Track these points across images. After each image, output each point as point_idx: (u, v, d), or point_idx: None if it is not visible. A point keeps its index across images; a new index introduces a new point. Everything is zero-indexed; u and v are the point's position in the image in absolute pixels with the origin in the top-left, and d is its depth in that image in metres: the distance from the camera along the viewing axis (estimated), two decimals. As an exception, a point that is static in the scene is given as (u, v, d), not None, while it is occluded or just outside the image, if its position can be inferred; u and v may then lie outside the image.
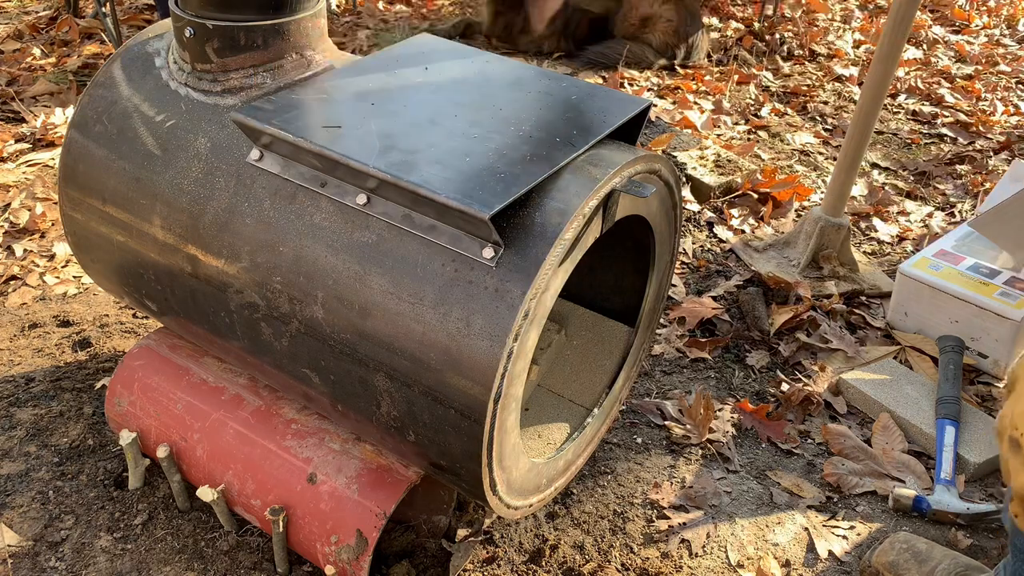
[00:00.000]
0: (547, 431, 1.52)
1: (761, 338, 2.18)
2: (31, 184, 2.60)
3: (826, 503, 1.73)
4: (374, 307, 1.17)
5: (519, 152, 1.17)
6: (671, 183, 1.41)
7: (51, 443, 1.72)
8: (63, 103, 3.18)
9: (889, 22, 2.19)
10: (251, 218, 1.28)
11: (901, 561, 1.51)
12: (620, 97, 1.37)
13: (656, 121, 3.37)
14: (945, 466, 1.75)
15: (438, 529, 1.56)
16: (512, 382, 1.13)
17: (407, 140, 1.18)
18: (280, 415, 1.51)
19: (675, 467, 1.78)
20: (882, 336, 2.22)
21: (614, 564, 1.55)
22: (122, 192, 1.41)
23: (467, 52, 1.49)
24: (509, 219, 1.12)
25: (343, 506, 1.38)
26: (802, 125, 3.54)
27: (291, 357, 1.31)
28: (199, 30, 1.35)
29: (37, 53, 3.61)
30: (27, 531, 1.54)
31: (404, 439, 1.25)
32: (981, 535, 1.65)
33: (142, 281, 1.48)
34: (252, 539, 1.53)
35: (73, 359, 1.97)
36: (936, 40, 4.70)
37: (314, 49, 1.46)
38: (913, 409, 1.91)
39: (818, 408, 1.98)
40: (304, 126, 1.20)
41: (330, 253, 1.21)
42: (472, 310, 1.10)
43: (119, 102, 1.45)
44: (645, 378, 2.05)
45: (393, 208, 1.16)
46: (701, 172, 2.86)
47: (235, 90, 1.39)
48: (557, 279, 1.14)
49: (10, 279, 2.24)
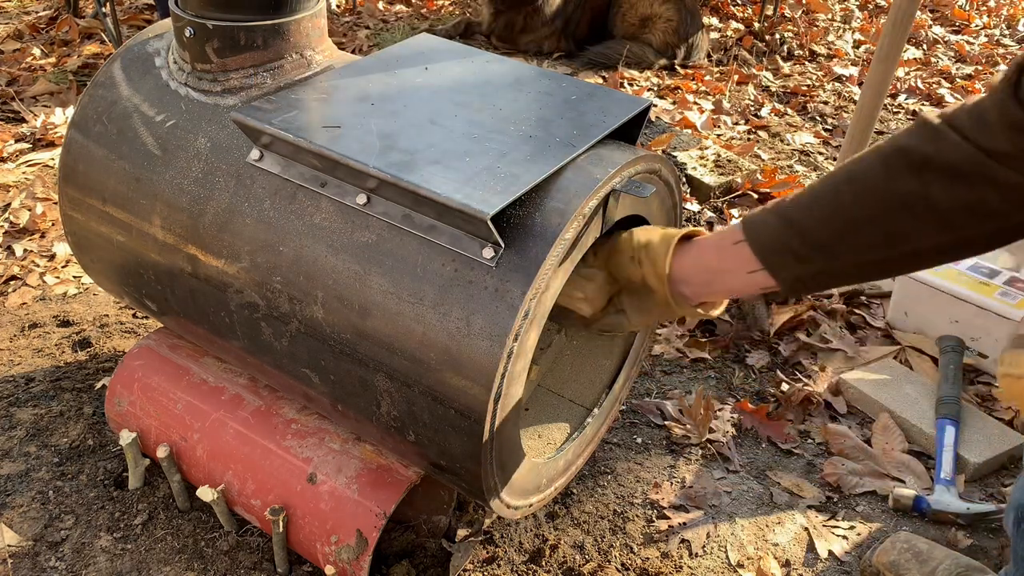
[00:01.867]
0: (547, 431, 1.52)
1: (761, 338, 2.19)
2: (31, 184, 2.60)
3: (826, 503, 1.73)
4: (374, 307, 1.17)
5: (519, 152, 1.17)
6: (671, 183, 1.41)
7: (51, 443, 1.72)
8: (63, 103, 3.18)
9: (889, 22, 2.19)
10: (251, 218, 1.28)
11: (902, 561, 1.51)
12: (620, 97, 1.37)
13: (656, 121, 3.37)
14: (945, 466, 1.75)
15: (438, 529, 1.56)
16: (512, 382, 1.13)
17: (407, 140, 1.18)
18: (280, 415, 1.51)
19: (675, 467, 1.78)
20: (882, 336, 2.22)
21: (614, 564, 1.55)
22: (122, 192, 1.41)
23: (467, 52, 1.49)
24: (509, 219, 1.12)
25: (343, 506, 1.38)
26: (802, 125, 3.54)
27: (291, 357, 1.31)
28: (199, 30, 1.35)
29: (37, 53, 3.61)
30: (27, 531, 1.54)
31: (404, 439, 1.25)
32: (981, 535, 1.65)
33: (142, 281, 1.48)
34: (252, 539, 1.53)
35: (73, 359, 1.97)
36: (936, 40, 4.70)
37: (314, 49, 1.46)
38: (913, 409, 1.91)
39: (818, 408, 1.98)
40: (304, 126, 1.20)
41: (330, 253, 1.21)
42: (472, 310, 1.10)
43: (119, 102, 1.45)
44: (645, 378, 2.05)
45: (393, 208, 1.16)
46: (701, 172, 2.86)
47: (235, 90, 1.39)
48: (557, 279, 1.14)
49: (10, 279, 2.24)
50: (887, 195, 0.92)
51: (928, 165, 0.89)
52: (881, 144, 0.95)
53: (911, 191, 0.90)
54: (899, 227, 0.93)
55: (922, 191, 0.90)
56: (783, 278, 1.02)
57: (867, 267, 0.98)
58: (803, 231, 0.98)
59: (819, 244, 0.98)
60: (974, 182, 0.87)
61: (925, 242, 0.93)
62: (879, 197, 0.93)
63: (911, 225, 0.92)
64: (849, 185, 0.96)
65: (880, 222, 0.93)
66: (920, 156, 0.90)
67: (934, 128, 0.90)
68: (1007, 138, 0.84)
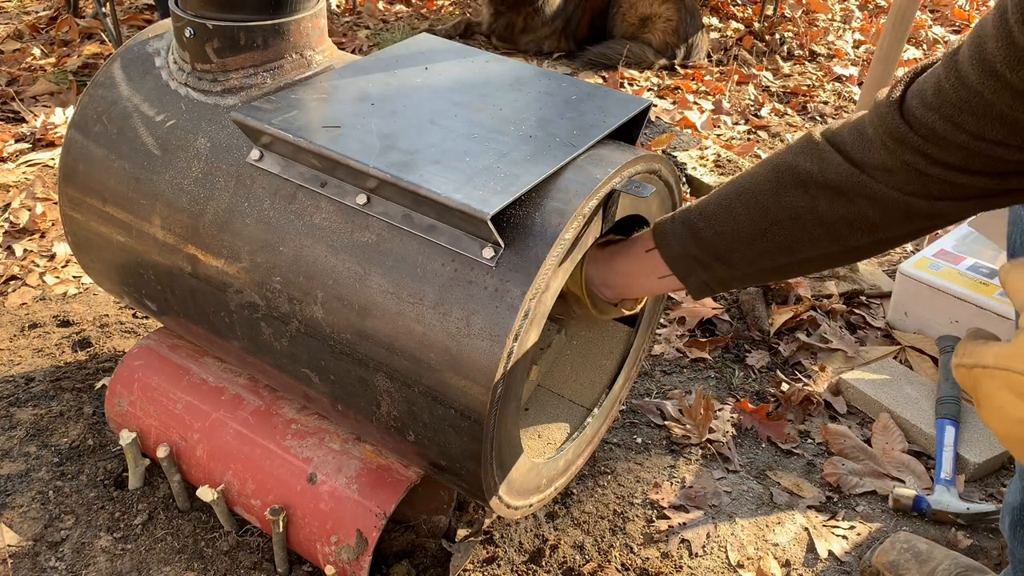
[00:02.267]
0: (547, 431, 1.52)
1: (761, 338, 2.19)
2: (31, 184, 2.60)
3: (826, 503, 1.73)
4: (374, 307, 1.17)
5: (519, 152, 1.17)
6: (671, 183, 1.41)
7: (51, 443, 1.72)
8: (63, 103, 3.18)
9: (889, 22, 2.20)
10: (251, 218, 1.28)
11: (901, 561, 1.51)
12: (620, 97, 1.37)
13: (656, 121, 3.37)
14: (945, 466, 1.75)
15: (438, 529, 1.56)
16: (512, 382, 1.13)
17: (407, 140, 1.18)
18: (280, 415, 1.51)
19: (675, 467, 1.78)
20: (882, 336, 2.22)
21: (614, 564, 1.55)
22: (122, 192, 1.41)
23: (467, 52, 1.49)
24: (509, 219, 1.12)
25: (343, 506, 1.38)
26: (802, 125, 3.54)
27: (291, 357, 1.31)
28: (199, 30, 1.35)
29: (37, 53, 3.61)
30: (27, 531, 1.54)
31: (404, 439, 1.25)
32: (981, 535, 1.65)
33: (142, 281, 1.48)
34: (252, 539, 1.53)
35: (73, 359, 1.97)
36: (936, 40, 4.70)
37: (314, 49, 1.46)
38: (913, 409, 1.91)
39: (818, 408, 1.98)
40: (304, 126, 1.20)
41: (330, 253, 1.21)
42: (472, 310, 1.10)
43: (119, 102, 1.45)
44: (645, 378, 2.05)
45: (393, 208, 1.16)
46: (701, 172, 2.86)
47: (235, 90, 1.39)
48: (557, 279, 1.14)
49: (10, 279, 2.24)
50: (777, 208, 0.99)
51: (812, 182, 0.95)
52: (771, 158, 1.02)
53: (800, 205, 0.97)
54: (790, 237, 1.00)
55: (810, 204, 0.96)
56: (690, 283, 1.12)
57: (765, 273, 1.06)
58: (703, 241, 1.07)
59: (718, 253, 1.06)
60: (852, 198, 0.93)
61: (815, 251, 1.00)
62: (770, 210, 0.99)
63: (801, 235, 0.99)
64: (741, 199, 1.03)
65: (772, 234, 1.00)
66: (805, 173, 0.96)
67: (817, 146, 0.95)
68: (887, 150, 0.88)
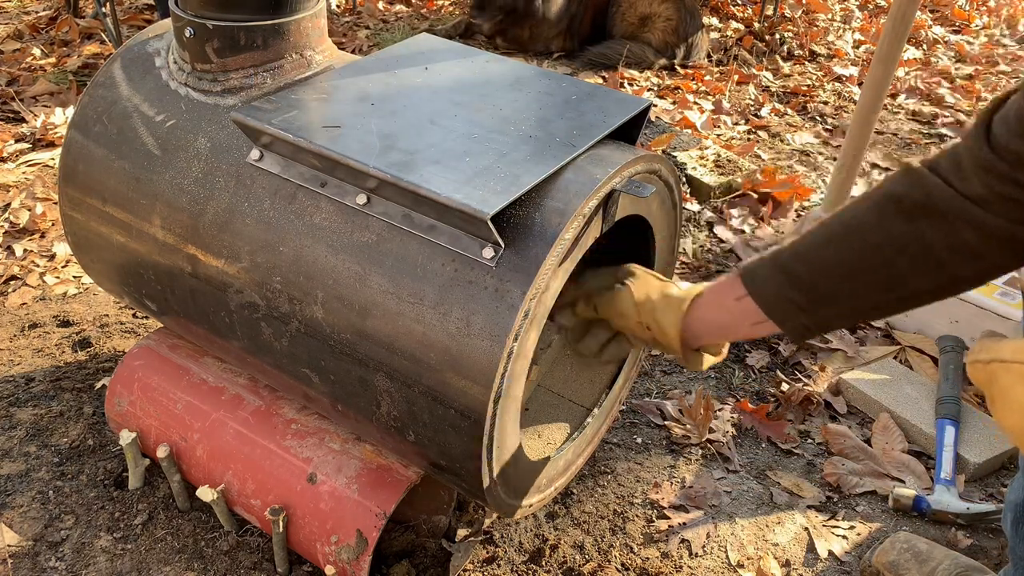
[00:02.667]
0: (547, 431, 1.52)
1: (761, 338, 2.19)
2: (31, 184, 2.60)
3: (826, 503, 1.73)
4: (374, 307, 1.17)
5: (519, 152, 1.17)
6: (671, 183, 1.41)
7: (51, 443, 1.72)
8: (63, 103, 3.18)
9: (889, 22, 2.20)
10: (251, 218, 1.28)
11: (901, 561, 1.51)
12: (620, 97, 1.37)
13: (656, 121, 3.37)
14: (945, 466, 1.75)
15: (438, 529, 1.56)
16: (512, 382, 1.13)
17: (407, 140, 1.18)
18: (280, 415, 1.51)
19: (675, 467, 1.78)
20: (882, 336, 2.22)
21: (614, 564, 1.55)
22: (122, 192, 1.41)
23: (467, 52, 1.49)
24: (509, 219, 1.12)
25: (343, 506, 1.38)
26: (802, 125, 3.55)
27: (291, 357, 1.31)
28: (199, 30, 1.35)
29: (37, 53, 3.61)
30: (27, 531, 1.54)
31: (404, 439, 1.25)
32: (981, 535, 1.65)
33: (142, 281, 1.48)
34: (252, 539, 1.53)
35: (73, 359, 1.97)
36: (936, 40, 4.70)
37: (314, 49, 1.46)
38: (913, 409, 1.91)
39: (818, 408, 1.98)
40: (304, 126, 1.20)
41: (330, 253, 1.21)
42: (472, 310, 1.10)
43: (119, 102, 1.45)
44: (645, 378, 2.05)
45: (393, 208, 1.16)
46: (701, 172, 2.86)
47: (235, 90, 1.39)
48: (557, 279, 1.14)
49: (10, 279, 2.24)
50: (882, 240, 0.96)
51: (917, 209, 0.93)
52: (869, 193, 1.00)
53: (904, 233, 0.94)
54: (896, 270, 0.97)
55: (916, 233, 0.94)
56: (789, 328, 1.07)
57: (868, 311, 1.03)
58: (803, 284, 1.03)
59: (820, 295, 1.02)
60: (956, 224, 0.91)
61: (922, 283, 0.97)
62: (874, 243, 0.97)
63: (907, 267, 0.96)
64: (844, 234, 1.00)
65: (878, 268, 0.98)
66: (910, 201, 0.94)
67: (919, 173, 0.94)
68: (980, 181, 0.88)
